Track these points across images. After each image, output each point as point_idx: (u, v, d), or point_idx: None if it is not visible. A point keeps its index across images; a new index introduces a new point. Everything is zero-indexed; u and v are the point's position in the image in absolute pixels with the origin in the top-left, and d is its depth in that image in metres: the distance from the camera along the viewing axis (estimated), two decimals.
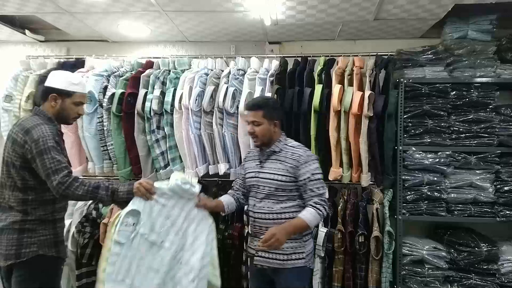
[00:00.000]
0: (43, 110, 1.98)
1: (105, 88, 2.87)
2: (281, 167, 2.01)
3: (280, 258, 1.97)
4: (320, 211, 1.92)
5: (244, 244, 2.71)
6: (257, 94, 2.70)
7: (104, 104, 2.83)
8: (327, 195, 1.99)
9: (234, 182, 2.32)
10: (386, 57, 2.87)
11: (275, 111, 2.13)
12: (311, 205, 1.93)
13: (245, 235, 2.71)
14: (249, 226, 2.24)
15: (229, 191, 2.25)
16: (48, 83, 1.99)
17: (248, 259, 2.29)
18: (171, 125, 2.80)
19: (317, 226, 2.69)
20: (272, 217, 2.00)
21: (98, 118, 2.87)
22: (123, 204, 1.89)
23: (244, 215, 2.75)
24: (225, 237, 2.75)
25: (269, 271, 2.03)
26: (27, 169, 1.85)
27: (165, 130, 2.82)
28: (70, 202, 2.79)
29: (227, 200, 2.15)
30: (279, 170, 2.01)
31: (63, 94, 1.98)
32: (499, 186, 2.69)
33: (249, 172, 2.14)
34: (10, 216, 1.87)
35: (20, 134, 1.86)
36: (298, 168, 1.99)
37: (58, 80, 1.99)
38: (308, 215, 1.90)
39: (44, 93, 2.01)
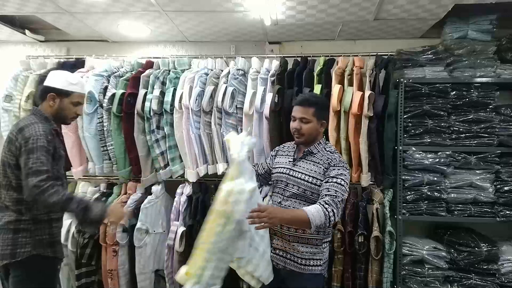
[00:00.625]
0: (40, 109, 1.99)
1: (105, 88, 2.87)
2: (314, 169, 1.95)
3: (298, 261, 1.94)
4: (327, 211, 1.74)
5: None
6: (259, 94, 2.69)
7: (104, 105, 2.83)
8: (343, 203, 1.85)
9: (256, 165, 2.26)
10: (386, 57, 2.87)
11: (325, 111, 2.10)
12: (319, 202, 1.79)
13: None
14: None
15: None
16: (47, 82, 2.00)
17: None
18: (171, 125, 2.81)
19: None
20: None
21: (98, 118, 2.87)
22: (89, 227, 1.84)
23: None
24: None
25: (283, 272, 1.99)
26: (20, 168, 1.83)
27: (165, 130, 2.82)
28: None
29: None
30: (311, 171, 1.95)
31: (62, 93, 1.98)
32: (499, 186, 2.69)
33: (279, 167, 2.07)
34: (6, 216, 1.88)
35: (14, 133, 1.87)
36: (327, 170, 1.92)
37: (57, 79, 2.00)
38: (313, 210, 1.74)
39: (42, 93, 2.01)
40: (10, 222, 1.87)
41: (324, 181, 1.90)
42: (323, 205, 1.77)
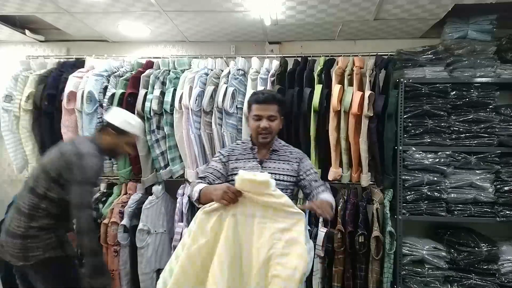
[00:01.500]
0: (97, 140, 2.12)
1: (105, 88, 2.87)
2: (286, 167, 1.93)
3: None
4: (331, 196, 1.85)
5: None
6: None
7: (104, 104, 2.83)
8: None
9: (203, 175, 1.95)
10: (386, 57, 2.87)
11: (284, 106, 2.06)
12: (323, 190, 1.87)
13: None
14: None
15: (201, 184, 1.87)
16: (108, 117, 2.16)
17: None
18: (171, 125, 2.81)
19: (316, 226, 2.69)
20: None
21: (98, 118, 2.87)
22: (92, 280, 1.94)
23: None
24: None
25: None
26: (57, 183, 1.94)
27: (165, 130, 2.82)
28: None
29: None
30: (285, 170, 1.92)
31: (119, 131, 2.12)
32: (499, 186, 2.69)
33: None
34: (16, 221, 1.95)
35: (73, 154, 1.95)
36: (299, 165, 1.95)
37: (118, 118, 2.15)
38: (329, 197, 1.80)
39: (102, 125, 2.20)
40: (19, 227, 1.93)
41: (305, 174, 1.94)
42: (326, 191, 1.88)
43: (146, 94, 2.80)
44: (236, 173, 1.77)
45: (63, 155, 1.96)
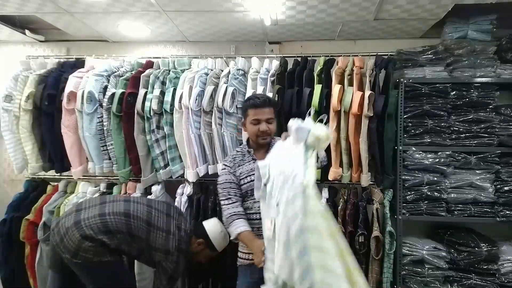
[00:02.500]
0: (191, 242, 2.23)
1: (105, 88, 2.87)
2: None
3: None
4: None
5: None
6: None
7: (104, 104, 2.83)
8: None
9: (226, 193, 2.09)
10: (386, 57, 2.87)
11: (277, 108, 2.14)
12: None
13: None
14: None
15: (233, 211, 2.04)
16: (208, 227, 2.28)
17: (238, 259, 2.21)
18: (171, 125, 2.81)
19: None
20: None
21: (98, 118, 2.87)
22: None
23: None
24: None
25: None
26: (145, 249, 2.08)
27: (165, 130, 2.82)
28: (70, 202, 2.80)
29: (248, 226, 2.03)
30: None
31: (209, 246, 2.26)
32: (499, 186, 2.69)
33: (248, 176, 2.08)
34: (94, 222, 2.00)
35: (175, 244, 2.10)
36: None
37: (217, 236, 2.27)
38: None
39: (199, 233, 2.28)
40: (91, 229, 1.98)
41: None
42: None
43: (146, 93, 2.80)
44: (243, 178, 2.00)
45: (167, 238, 2.09)
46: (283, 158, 1.58)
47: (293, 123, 1.53)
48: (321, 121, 1.55)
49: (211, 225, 2.32)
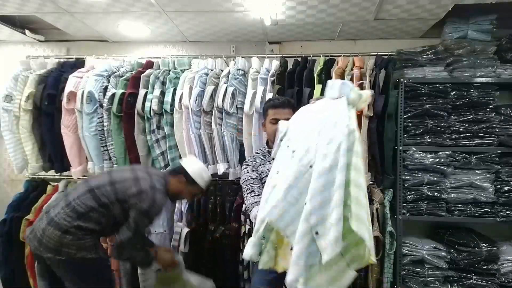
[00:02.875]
0: (168, 180, 2.18)
1: (105, 88, 2.87)
2: None
3: None
4: None
5: (241, 244, 2.70)
6: (259, 94, 2.69)
7: (104, 104, 2.83)
8: None
9: (249, 187, 2.09)
10: (386, 57, 2.87)
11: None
12: None
13: (242, 235, 2.71)
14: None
15: (256, 200, 2.01)
16: (185, 165, 2.26)
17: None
18: (171, 125, 2.81)
19: None
20: None
21: (98, 118, 2.87)
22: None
23: (242, 215, 2.75)
24: (223, 236, 2.74)
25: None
26: (121, 204, 2.01)
27: (165, 130, 2.82)
28: None
29: None
30: None
31: (190, 181, 2.22)
32: (499, 186, 2.69)
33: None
34: (63, 214, 1.98)
35: (148, 185, 2.03)
36: None
37: (194, 168, 2.25)
38: None
39: (175, 169, 2.30)
40: (65, 220, 1.96)
41: None
42: None
43: (146, 94, 2.80)
44: (264, 177, 2.02)
45: (137, 182, 2.03)
46: (311, 115, 1.60)
47: (335, 80, 1.59)
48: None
49: (188, 161, 2.33)
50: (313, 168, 1.38)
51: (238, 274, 2.78)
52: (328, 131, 1.42)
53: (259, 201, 1.93)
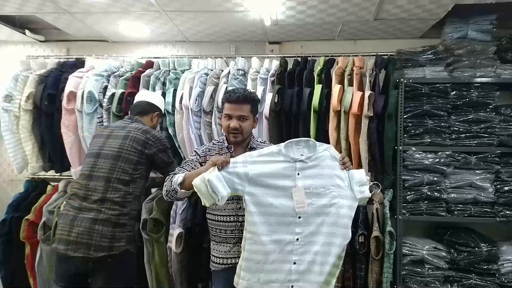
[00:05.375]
0: (146, 124, 2.30)
1: (105, 88, 2.87)
2: None
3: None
4: None
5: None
6: (259, 94, 2.69)
7: (104, 104, 2.83)
8: None
9: (180, 169, 1.91)
10: (386, 57, 2.87)
11: (257, 107, 2.04)
12: None
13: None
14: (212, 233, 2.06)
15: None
16: (154, 101, 2.42)
17: (211, 263, 2.05)
18: (174, 126, 2.81)
19: None
20: (240, 220, 1.89)
21: (98, 118, 2.87)
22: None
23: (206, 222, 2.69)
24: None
25: None
26: (140, 163, 2.10)
27: (169, 131, 2.81)
28: None
29: None
30: None
31: (159, 110, 2.41)
32: (499, 186, 2.69)
33: None
34: (108, 210, 1.97)
35: (144, 131, 2.17)
36: None
37: (159, 100, 2.46)
38: None
39: (143, 109, 2.35)
40: (113, 215, 1.96)
41: None
42: None
43: None
44: None
45: (136, 138, 2.12)
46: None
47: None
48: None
49: (142, 93, 2.51)
50: None
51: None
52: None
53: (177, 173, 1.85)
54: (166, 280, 2.77)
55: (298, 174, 1.70)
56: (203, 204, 1.63)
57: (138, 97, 2.44)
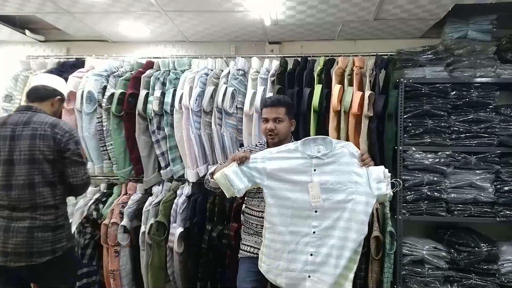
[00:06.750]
0: (48, 112, 2.09)
1: (104, 88, 2.87)
2: None
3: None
4: None
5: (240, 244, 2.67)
6: (259, 94, 2.70)
7: (103, 104, 2.83)
8: None
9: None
10: (386, 57, 2.88)
11: (293, 110, 2.17)
12: None
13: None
14: (245, 226, 2.20)
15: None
16: (57, 86, 2.16)
17: (240, 251, 2.18)
18: (171, 126, 2.81)
19: None
20: None
21: (98, 118, 2.88)
22: None
23: (242, 215, 2.74)
24: (221, 236, 2.73)
25: None
26: (57, 161, 1.95)
27: (166, 131, 2.82)
28: (71, 203, 2.81)
29: None
30: None
31: (60, 94, 2.16)
32: (499, 186, 2.69)
33: None
34: (44, 215, 1.92)
35: (46, 127, 1.92)
36: None
37: (62, 84, 2.22)
38: None
39: (47, 95, 2.10)
40: (50, 220, 1.93)
41: None
42: None
43: (147, 94, 2.80)
44: None
45: (45, 135, 1.90)
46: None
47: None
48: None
49: (39, 77, 2.23)
50: None
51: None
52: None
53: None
54: (163, 282, 2.79)
55: (315, 170, 1.80)
56: (226, 195, 1.81)
57: (35, 81, 2.17)
